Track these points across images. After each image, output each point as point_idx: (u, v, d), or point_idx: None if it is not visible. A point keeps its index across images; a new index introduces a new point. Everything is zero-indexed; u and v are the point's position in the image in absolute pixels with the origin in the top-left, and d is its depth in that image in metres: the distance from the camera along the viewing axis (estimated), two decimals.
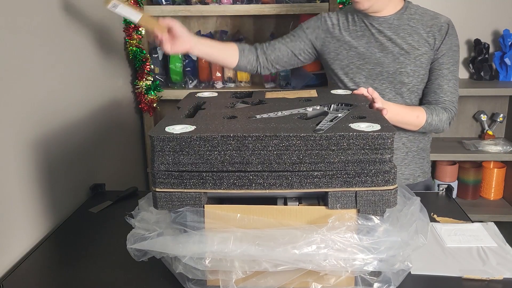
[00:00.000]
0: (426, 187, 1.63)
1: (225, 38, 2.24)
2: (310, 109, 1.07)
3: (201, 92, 1.28)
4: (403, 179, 1.57)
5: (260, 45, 1.63)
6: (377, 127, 0.90)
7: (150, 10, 2.13)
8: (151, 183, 0.93)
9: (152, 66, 2.16)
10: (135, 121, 2.20)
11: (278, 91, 1.33)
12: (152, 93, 2.15)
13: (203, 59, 2.07)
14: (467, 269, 1.05)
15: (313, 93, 1.24)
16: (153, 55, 2.18)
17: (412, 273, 1.03)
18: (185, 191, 0.91)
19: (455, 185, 2.46)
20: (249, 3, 2.14)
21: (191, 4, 2.15)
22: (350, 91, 1.25)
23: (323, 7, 2.07)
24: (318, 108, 1.08)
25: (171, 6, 2.14)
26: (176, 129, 0.92)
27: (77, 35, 1.58)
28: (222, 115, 1.02)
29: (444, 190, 1.52)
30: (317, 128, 0.90)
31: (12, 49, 1.20)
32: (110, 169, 1.83)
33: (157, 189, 0.92)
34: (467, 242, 1.16)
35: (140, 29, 2.06)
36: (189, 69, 2.20)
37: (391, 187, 0.89)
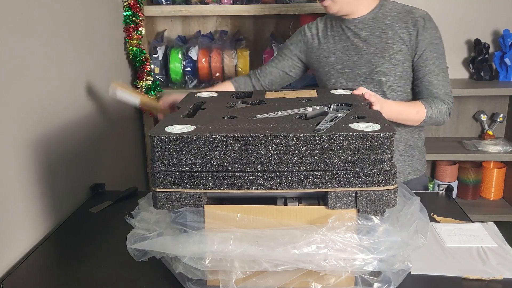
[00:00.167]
0: (420, 185, 1.63)
1: (225, 38, 2.24)
2: (310, 109, 1.07)
3: (201, 92, 1.28)
4: None
5: (253, 73, 1.69)
6: (377, 127, 0.90)
7: (150, 10, 2.13)
8: (151, 183, 0.93)
9: (152, 66, 2.16)
10: (135, 121, 2.20)
11: (278, 91, 1.33)
12: (152, 93, 2.15)
13: None
14: (467, 269, 1.05)
15: (313, 93, 1.24)
16: (153, 55, 2.18)
17: (412, 273, 1.03)
18: (185, 191, 0.91)
19: (455, 185, 2.46)
20: (249, 3, 2.14)
21: (191, 4, 2.15)
22: (350, 91, 1.25)
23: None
24: (318, 108, 1.08)
25: (171, 6, 2.14)
26: (176, 129, 0.92)
27: (77, 35, 1.58)
28: (222, 115, 1.02)
29: (444, 190, 1.52)
30: (317, 128, 0.90)
31: (12, 49, 1.20)
32: (110, 169, 1.83)
33: (157, 189, 0.92)
34: (467, 242, 1.16)
35: (140, 29, 2.06)
36: (189, 69, 2.19)
37: (391, 187, 0.90)
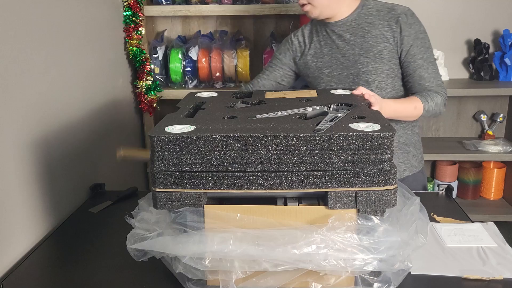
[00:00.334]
0: (416, 182, 1.63)
1: (225, 38, 2.24)
2: (310, 109, 1.07)
3: (201, 92, 1.28)
4: None
5: (245, 87, 1.70)
6: (377, 127, 0.90)
7: (150, 10, 2.13)
8: (151, 183, 0.93)
9: (152, 66, 2.16)
10: (135, 121, 2.20)
11: (278, 91, 1.33)
12: (152, 93, 2.15)
13: None
14: (467, 269, 1.05)
15: (313, 93, 1.24)
16: (153, 55, 2.18)
17: (412, 273, 1.03)
18: (185, 191, 0.91)
19: (455, 185, 2.46)
20: (249, 3, 2.14)
21: (191, 4, 2.15)
22: (349, 91, 1.25)
23: None
24: (318, 108, 1.08)
25: (171, 6, 2.14)
26: (176, 129, 0.92)
27: (77, 35, 1.58)
28: (222, 115, 1.02)
29: (444, 190, 1.52)
30: (317, 128, 0.90)
31: (12, 49, 1.20)
32: (110, 169, 1.83)
33: (157, 189, 0.92)
34: (467, 242, 1.16)
35: (140, 29, 2.06)
36: (189, 69, 2.19)
37: (391, 187, 0.89)
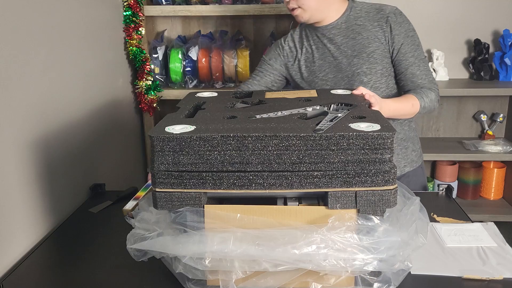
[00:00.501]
0: (416, 176, 1.63)
1: (225, 38, 2.24)
2: (310, 109, 1.07)
3: (201, 92, 1.28)
4: None
5: None
6: (377, 127, 0.90)
7: (150, 10, 2.13)
8: (151, 183, 0.93)
9: (152, 66, 2.16)
10: (135, 121, 2.20)
11: (278, 91, 1.33)
12: (152, 93, 2.15)
13: None
14: (467, 269, 1.05)
15: (313, 93, 1.24)
16: (153, 55, 2.18)
17: (412, 273, 1.03)
18: (185, 191, 0.91)
19: (455, 185, 2.46)
20: (249, 3, 2.14)
21: (191, 4, 2.15)
22: (349, 91, 1.25)
23: None
24: (318, 108, 1.08)
25: (171, 6, 2.14)
26: (176, 129, 0.92)
27: (77, 35, 1.58)
28: (222, 115, 1.02)
29: (444, 190, 1.52)
30: (317, 128, 0.90)
31: (12, 49, 1.20)
32: (110, 169, 1.83)
33: (157, 189, 0.92)
34: (467, 242, 1.16)
35: (140, 29, 2.06)
36: (189, 69, 2.19)
37: (391, 187, 0.89)
